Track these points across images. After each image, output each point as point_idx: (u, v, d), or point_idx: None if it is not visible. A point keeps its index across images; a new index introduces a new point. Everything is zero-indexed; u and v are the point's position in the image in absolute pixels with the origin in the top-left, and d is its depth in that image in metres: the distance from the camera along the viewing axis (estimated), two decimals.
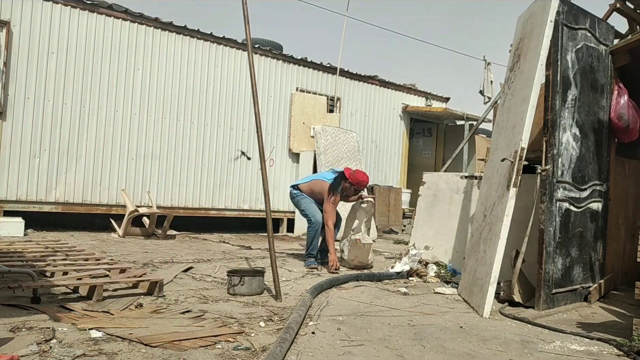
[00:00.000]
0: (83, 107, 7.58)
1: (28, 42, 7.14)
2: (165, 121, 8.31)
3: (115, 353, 2.41)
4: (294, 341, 2.75)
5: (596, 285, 4.44)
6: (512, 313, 3.79)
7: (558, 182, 4.11)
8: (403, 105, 11.56)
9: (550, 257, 4.05)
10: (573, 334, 3.33)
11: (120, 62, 7.89)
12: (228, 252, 6.33)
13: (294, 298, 3.86)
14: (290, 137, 9.66)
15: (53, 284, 3.46)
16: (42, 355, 2.33)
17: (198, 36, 8.63)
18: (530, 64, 4.04)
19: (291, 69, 9.79)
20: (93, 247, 5.88)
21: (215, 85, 8.85)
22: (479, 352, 2.84)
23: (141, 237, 7.38)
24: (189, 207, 8.55)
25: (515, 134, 3.99)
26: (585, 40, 4.39)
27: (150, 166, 8.16)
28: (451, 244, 5.45)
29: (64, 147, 7.42)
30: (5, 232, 6.43)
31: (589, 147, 4.43)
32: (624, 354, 2.97)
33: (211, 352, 2.53)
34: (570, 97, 4.24)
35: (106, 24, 7.77)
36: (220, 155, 8.91)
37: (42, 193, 7.24)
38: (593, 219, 4.49)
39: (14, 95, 7.04)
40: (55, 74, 7.35)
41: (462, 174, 5.86)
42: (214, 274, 4.73)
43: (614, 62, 4.69)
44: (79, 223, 8.01)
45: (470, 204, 5.31)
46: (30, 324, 2.78)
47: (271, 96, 9.49)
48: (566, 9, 4.17)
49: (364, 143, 10.68)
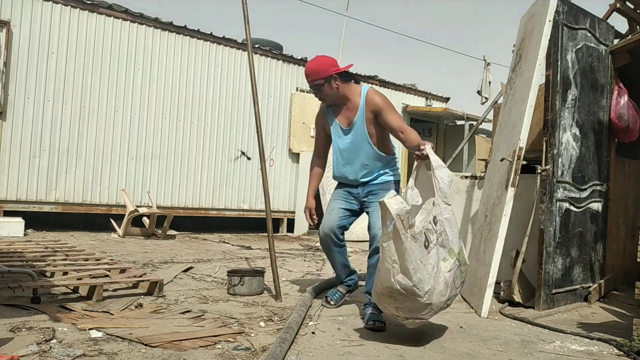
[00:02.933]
0: (83, 107, 7.58)
1: (28, 42, 7.14)
2: (165, 121, 8.31)
3: (115, 353, 2.41)
4: (294, 341, 2.75)
5: (596, 285, 4.44)
6: (512, 313, 3.79)
7: (558, 182, 4.12)
8: (403, 105, 11.56)
9: (550, 257, 4.05)
10: (573, 334, 3.33)
11: (120, 62, 7.89)
12: (228, 252, 6.33)
13: (294, 298, 3.86)
14: (290, 137, 9.65)
15: (53, 284, 3.46)
16: (42, 355, 2.32)
17: (198, 36, 8.63)
18: (529, 63, 4.04)
19: (291, 69, 9.79)
20: (93, 247, 5.88)
21: (215, 85, 8.85)
22: (479, 352, 2.83)
23: (141, 237, 7.38)
24: (189, 207, 8.55)
25: (514, 134, 4.00)
26: (586, 40, 4.39)
27: (150, 166, 8.16)
28: None
29: (64, 147, 7.42)
30: (5, 232, 6.43)
31: (589, 147, 4.43)
32: (624, 354, 2.97)
33: (211, 352, 2.52)
34: (570, 97, 4.24)
35: (106, 24, 7.78)
36: (220, 155, 8.91)
37: (42, 193, 7.24)
38: (593, 219, 4.49)
39: (14, 95, 7.04)
40: (55, 74, 7.35)
41: (463, 174, 5.86)
42: (214, 274, 4.73)
43: (614, 62, 4.69)
44: (79, 223, 8.01)
45: (471, 204, 5.31)
46: (30, 324, 2.78)
47: (271, 96, 9.49)
48: (566, 9, 4.17)
49: None
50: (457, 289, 2.91)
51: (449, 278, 2.81)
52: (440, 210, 2.86)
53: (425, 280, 2.69)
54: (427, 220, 2.79)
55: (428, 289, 2.69)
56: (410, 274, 2.67)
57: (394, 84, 11.50)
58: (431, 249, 2.76)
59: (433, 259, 2.74)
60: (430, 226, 2.79)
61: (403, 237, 2.67)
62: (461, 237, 2.96)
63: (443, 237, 2.84)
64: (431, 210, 2.84)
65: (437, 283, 2.74)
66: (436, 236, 2.80)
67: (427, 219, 2.80)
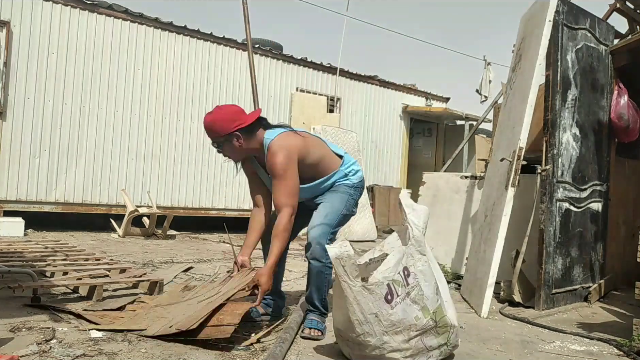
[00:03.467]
0: (83, 107, 7.57)
1: (28, 42, 7.14)
2: (165, 121, 8.31)
3: (115, 353, 2.41)
4: (294, 341, 2.75)
5: (596, 285, 4.44)
6: (512, 313, 3.79)
7: (558, 182, 4.12)
8: (403, 105, 11.56)
9: (550, 257, 4.05)
10: (573, 334, 3.33)
11: (120, 62, 7.88)
12: (228, 252, 6.33)
13: (294, 298, 3.86)
14: None
15: (53, 284, 3.46)
16: (42, 355, 2.32)
17: (198, 36, 8.63)
18: (529, 63, 4.05)
19: (291, 69, 9.79)
20: (93, 247, 5.88)
21: (215, 85, 8.85)
22: (479, 352, 2.83)
23: (141, 237, 7.38)
24: (189, 207, 8.54)
25: (514, 134, 4.00)
26: (586, 40, 4.40)
27: (150, 166, 8.15)
28: (451, 245, 5.45)
29: (64, 147, 7.42)
30: (5, 232, 6.43)
31: (589, 147, 4.43)
32: (624, 354, 2.97)
33: (211, 352, 2.53)
34: (570, 97, 4.24)
35: (106, 24, 7.77)
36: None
37: (42, 193, 7.23)
38: (593, 219, 4.49)
39: (14, 95, 7.04)
40: (55, 74, 7.35)
41: (462, 174, 5.86)
42: (214, 274, 4.73)
43: (614, 62, 4.70)
44: (79, 223, 8.01)
45: (471, 204, 5.31)
46: (30, 324, 2.78)
47: (271, 96, 9.48)
48: (566, 9, 4.18)
49: (364, 143, 10.67)
50: (430, 352, 2.47)
51: (415, 341, 2.42)
52: (414, 262, 2.48)
53: (376, 334, 2.38)
54: (395, 270, 2.42)
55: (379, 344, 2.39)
56: (354, 325, 2.39)
57: (394, 84, 11.49)
58: (396, 304, 2.39)
59: (397, 316, 2.38)
60: (399, 277, 2.42)
61: (343, 284, 2.37)
62: (439, 294, 2.52)
63: (416, 292, 2.44)
64: (401, 260, 2.46)
65: (394, 341, 2.39)
66: (406, 290, 2.42)
67: (395, 269, 2.42)
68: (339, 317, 2.52)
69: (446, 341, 2.51)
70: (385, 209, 10.25)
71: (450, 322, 2.52)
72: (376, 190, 10.22)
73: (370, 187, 10.17)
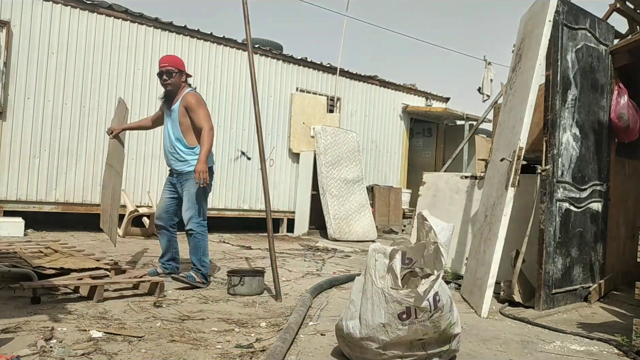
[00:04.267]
0: (83, 107, 7.57)
1: (28, 42, 7.14)
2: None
3: (115, 353, 2.42)
4: (294, 341, 2.75)
5: (596, 285, 4.44)
6: (512, 313, 3.79)
7: (558, 182, 4.12)
8: (403, 105, 11.56)
9: (550, 257, 4.05)
10: (573, 334, 3.33)
11: (120, 62, 7.88)
12: (228, 252, 6.33)
13: (294, 298, 3.86)
14: (290, 137, 9.65)
15: (53, 284, 3.46)
16: (42, 355, 2.33)
17: (198, 36, 8.63)
18: (529, 63, 4.05)
19: (291, 69, 9.79)
20: (93, 247, 5.88)
21: (215, 85, 8.85)
22: (479, 352, 2.84)
23: (141, 237, 7.38)
24: None
25: (514, 134, 4.00)
26: (586, 40, 4.39)
27: (150, 166, 8.15)
28: (452, 244, 5.44)
29: (64, 147, 7.42)
30: (5, 232, 6.43)
31: (589, 147, 4.43)
32: (624, 354, 2.97)
33: (211, 352, 2.53)
34: (571, 97, 4.24)
35: (106, 24, 7.77)
36: (220, 155, 8.90)
37: (42, 193, 7.23)
38: (593, 219, 4.49)
39: (14, 95, 7.04)
40: (55, 74, 7.35)
41: (462, 174, 5.86)
42: (214, 274, 4.73)
43: (614, 62, 4.70)
44: (79, 223, 8.00)
45: (471, 204, 5.31)
46: (30, 324, 2.78)
47: (271, 96, 9.48)
48: (566, 9, 4.18)
49: (364, 143, 10.68)
50: (432, 358, 2.50)
51: (418, 348, 2.45)
52: (445, 287, 2.48)
53: (380, 342, 2.40)
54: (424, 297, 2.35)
55: (381, 351, 2.41)
56: (360, 324, 2.43)
57: (394, 84, 11.49)
58: (411, 323, 2.36)
59: (405, 332, 2.36)
60: (427, 304, 2.35)
61: (367, 277, 2.45)
62: (453, 310, 2.52)
63: (438, 315, 2.39)
64: (434, 285, 2.38)
65: (397, 350, 2.42)
66: (430, 314, 2.37)
67: (424, 297, 2.35)
68: (348, 313, 2.54)
69: (448, 347, 2.55)
70: (385, 209, 10.26)
71: (454, 332, 2.54)
72: (376, 190, 10.22)
73: (370, 187, 10.17)
